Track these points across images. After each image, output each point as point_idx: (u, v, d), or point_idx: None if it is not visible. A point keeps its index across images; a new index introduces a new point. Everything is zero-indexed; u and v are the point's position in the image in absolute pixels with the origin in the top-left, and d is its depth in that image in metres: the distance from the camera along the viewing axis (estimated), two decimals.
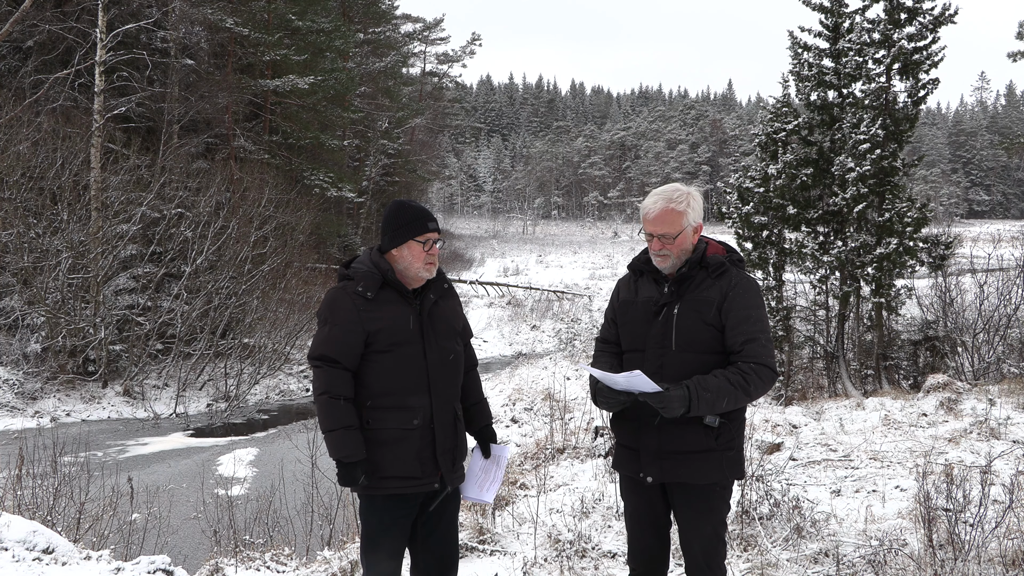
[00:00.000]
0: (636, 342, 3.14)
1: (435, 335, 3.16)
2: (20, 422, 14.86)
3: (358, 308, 3.08)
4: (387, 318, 3.09)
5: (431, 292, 3.20)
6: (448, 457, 3.16)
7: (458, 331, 3.28)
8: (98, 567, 4.79)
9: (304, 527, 6.79)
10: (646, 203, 3.13)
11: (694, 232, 3.11)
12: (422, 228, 3.12)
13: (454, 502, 3.27)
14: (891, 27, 16.55)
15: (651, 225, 3.08)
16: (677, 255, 3.08)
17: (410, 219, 3.14)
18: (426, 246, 3.13)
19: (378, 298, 3.10)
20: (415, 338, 3.11)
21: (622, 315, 3.22)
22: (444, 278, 3.29)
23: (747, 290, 3.05)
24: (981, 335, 14.78)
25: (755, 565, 4.48)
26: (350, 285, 3.13)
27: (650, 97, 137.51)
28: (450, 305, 3.28)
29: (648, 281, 3.19)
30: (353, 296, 3.10)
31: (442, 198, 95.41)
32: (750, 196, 17.32)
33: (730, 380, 2.92)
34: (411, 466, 3.08)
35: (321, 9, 32.25)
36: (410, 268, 3.15)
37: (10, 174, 17.15)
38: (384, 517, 3.12)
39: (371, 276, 3.12)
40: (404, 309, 3.13)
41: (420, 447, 3.09)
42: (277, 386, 20.26)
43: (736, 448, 3.06)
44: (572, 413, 10.37)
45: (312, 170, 31.99)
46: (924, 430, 8.17)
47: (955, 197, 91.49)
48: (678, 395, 2.88)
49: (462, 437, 3.26)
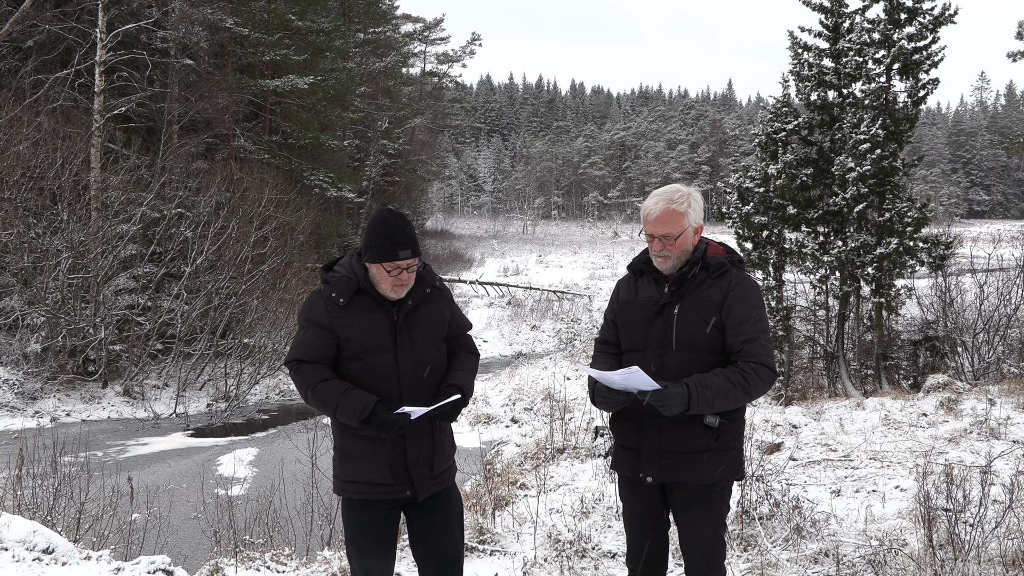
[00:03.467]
0: (636, 342, 3.13)
1: (411, 343, 3.08)
2: (20, 422, 14.85)
3: (330, 314, 3.04)
4: (358, 326, 3.03)
5: (410, 299, 3.10)
6: (422, 468, 3.09)
7: (440, 336, 3.19)
8: (98, 567, 4.79)
9: (304, 527, 6.79)
10: (647, 204, 3.12)
11: (695, 233, 3.11)
12: (391, 256, 2.99)
13: (447, 504, 3.21)
14: (891, 27, 16.55)
15: (652, 226, 3.07)
16: (678, 256, 3.08)
17: (382, 243, 3.00)
18: (393, 272, 3.02)
19: (351, 305, 3.05)
20: (387, 346, 3.05)
21: (622, 315, 3.21)
22: (429, 281, 3.17)
23: (748, 290, 3.05)
24: (981, 335, 14.78)
25: (755, 565, 4.48)
26: (326, 290, 3.09)
27: (650, 97, 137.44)
28: (433, 309, 3.17)
29: (648, 281, 3.18)
30: (327, 301, 3.06)
31: (442, 198, 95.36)
32: (750, 196, 17.32)
33: (730, 379, 2.92)
34: (383, 474, 3.05)
35: (321, 9, 32.25)
36: (378, 286, 3.08)
37: (10, 174, 17.15)
38: (360, 518, 3.11)
39: (346, 282, 3.07)
40: (378, 316, 3.06)
41: (392, 456, 3.05)
42: (277, 386, 20.26)
43: (736, 448, 3.06)
44: (572, 413, 10.37)
45: (312, 170, 31.98)
46: (924, 430, 8.17)
47: (955, 197, 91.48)
48: (677, 393, 2.87)
49: (442, 444, 3.18)
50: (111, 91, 20.01)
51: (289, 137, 31.64)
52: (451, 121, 65.80)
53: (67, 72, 19.39)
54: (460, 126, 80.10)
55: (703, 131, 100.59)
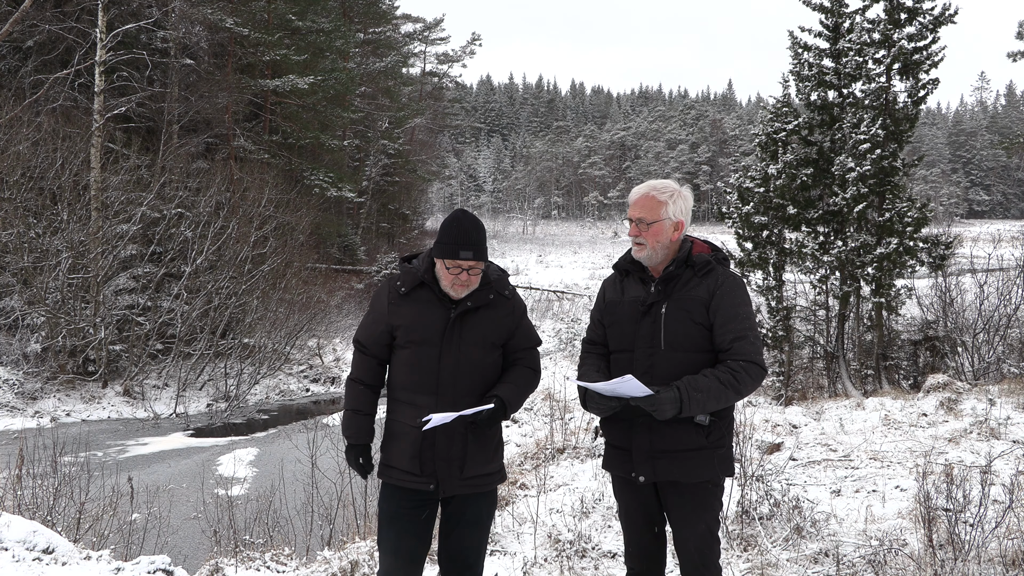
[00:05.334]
0: (624, 342, 3.13)
1: (459, 342, 3.11)
2: (20, 422, 14.84)
3: (389, 301, 3.19)
4: (412, 315, 3.14)
5: (469, 300, 3.15)
6: (451, 465, 3.10)
7: (495, 343, 3.19)
8: (98, 567, 4.79)
9: (304, 527, 6.79)
10: (634, 189, 3.21)
11: (674, 228, 3.11)
12: (452, 253, 3.07)
13: (476, 505, 3.19)
14: (891, 27, 16.55)
15: (631, 209, 3.15)
16: (652, 246, 3.10)
17: (447, 240, 3.09)
18: (452, 270, 3.09)
19: (411, 295, 3.17)
20: (435, 340, 3.11)
21: (609, 315, 3.21)
22: (496, 288, 3.21)
23: (734, 288, 3.06)
24: (981, 335, 14.78)
25: (755, 565, 4.48)
26: (395, 278, 3.24)
27: (650, 97, 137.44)
28: (492, 315, 3.18)
29: (634, 281, 3.19)
30: (390, 289, 3.22)
31: (442, 198, 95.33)
32: (750, 196, 17.32)
33: (720, 379, 2.92)
34: (410, 462, 3.11)
35: (321, 9, 32.28)
36: (441, 280, 3.16)
37: (10, 174, 17.15)
38: (391, 504, 3.18)
39: (411, 273, 3.20)
40: (434, 310, 3.14)
41: (422, 447, 3.10)
42: (277, 386, 20.26)
43: (727, 445, 3.07)
44: (572, 413, 10.37)
45: (312, 170, 31.99)
46: (924, 430, 8.16)
47: (955, 197, 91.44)
48: (669, 397, 2.88)
49: (480, 448, 3.15)
50: (111, 91, 20.01)
51: (289, 137, 31.65)
52: (451, 121, 65.86)
53: (67, 72, 19.39)
54: (460, 126, 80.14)
55: (703, 131, 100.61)
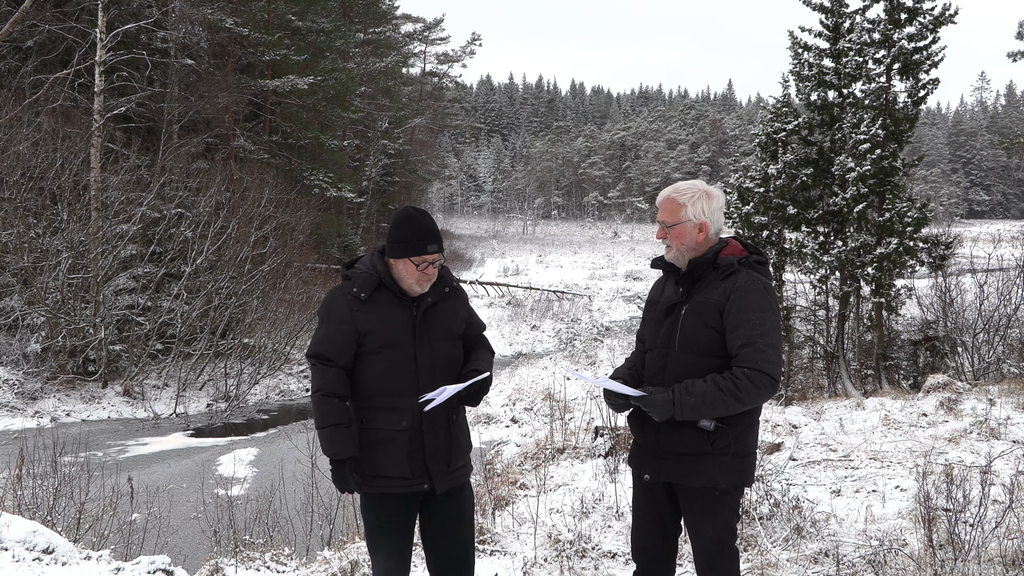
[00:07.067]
0: (651, 341, 3.18)
1: (429, 338, 3.16)
2: (20, 422, 14.84)
3: (351, 308, 3.12)
4: (378, 320, 3.11)
5: (429, 295, 3.19)
6: (440, 460, 3.15)
7: (457, 334, 3.27)
8: (98, 567, 4.78)
9: (304, 527, 6.79)
10: (661, 191, 3.26)
11: (698, 230, 3.10)
12: (419, 250, 3.10)
13: (459, 501, 3.24)
14: (891, 27, 16.55)
15: (659, 212, 3.20)
16: (678, 248, 3.12)
17: (410, 237, 3.11)
18: (420, 266, 3.12)
19: (372, 300, 3.13)
20: (406, 340, 3.12)
21: (646, 314, 3.29)
22: (447, 281, 3.27)
23: (749, 292, 2.98)
24: (981, 335, 14.78)
25: (755, 565, 4.48)
26: (347, 286, 3.18)
27: (650, 97, 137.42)
28: (450, 307, 3.25)
29: (672, 282, 3.22)
30: (348, 297, 3.14)
31: (442, 198, 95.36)
32: (750, 196, 17.32)
33: (719, 386, 2.89)
34: (400, 467, 3.10)
35: (321, 9, 32.26)
36: (403, 280, 3.16)
37: (10, 174, 17.14)
38: (379, 514, 3.17)
39: (367, 278, 3.15)
40: (398, 311, 3.15)
41: (410, 449, 3.11)
42: (277, 386, 20.26)
43: (734, 454, 2.99)
44: (572, 413, 10.38)
45: (312, 170, 31.97)
46: (924, 430, 8.17)
47: (955, 197, 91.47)
48: (661, 399, 2.90)
49: (459, 439, 3.24)
50: (111, 91, 20.00)
51: (289, 137, 31.63)
52: (451, 121, 65.87)
53: (67, 72, 19.37)
54: (460, 126, 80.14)
55: (703, 131, 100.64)
